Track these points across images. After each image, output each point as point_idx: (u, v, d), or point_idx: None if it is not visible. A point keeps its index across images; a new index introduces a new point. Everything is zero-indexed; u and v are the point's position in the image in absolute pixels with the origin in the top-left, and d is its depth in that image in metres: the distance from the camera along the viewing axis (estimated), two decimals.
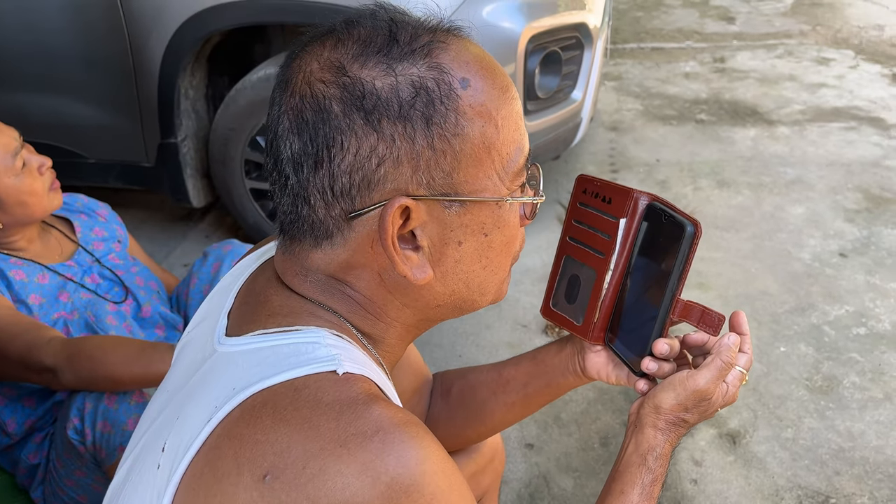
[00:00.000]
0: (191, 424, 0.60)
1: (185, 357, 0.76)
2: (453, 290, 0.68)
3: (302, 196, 0.62)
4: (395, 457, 0.53)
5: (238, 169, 2.38)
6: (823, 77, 3.97)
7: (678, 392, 0.79)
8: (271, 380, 0.59)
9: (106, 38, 2.20)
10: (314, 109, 0.60)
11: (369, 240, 0.63)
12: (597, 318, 0.87)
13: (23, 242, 1.45)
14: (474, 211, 0.64)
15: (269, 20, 2.19)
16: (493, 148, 0.63)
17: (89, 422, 1.27)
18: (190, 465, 0.58)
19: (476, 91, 0.61)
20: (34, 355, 1.25)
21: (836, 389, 1.95)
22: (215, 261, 1.68)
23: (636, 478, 0.79)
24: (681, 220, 0.79)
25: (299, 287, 0.67)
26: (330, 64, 0.61)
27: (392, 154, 0.60)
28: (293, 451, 0.54)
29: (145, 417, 0.75)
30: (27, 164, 1.39)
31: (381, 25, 0.62)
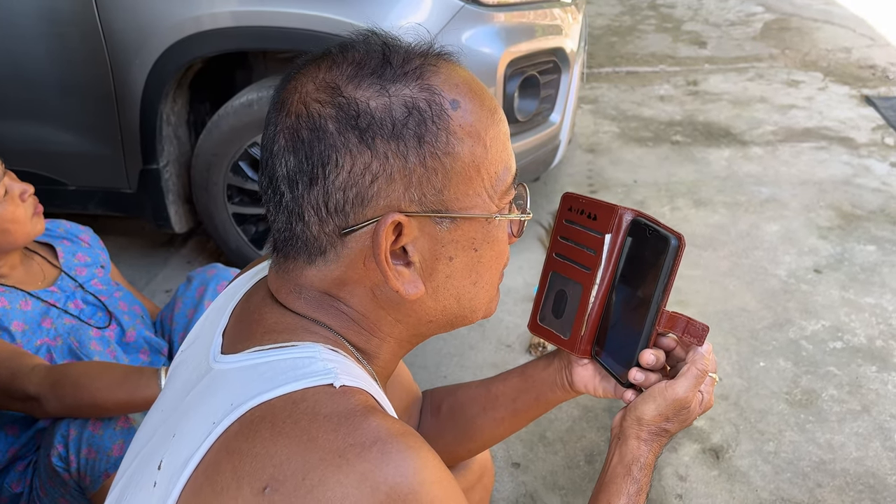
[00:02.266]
0: (188, 441, 0.61)
1: (178, 376, 0.76)
2: (444, 305, 0.70)
3: (296, 213, 0.64)
4: (394, 466, 0.54)
5: (220, 194, 2.39)
6: (794, 99, 4.07)
7: (658, 402, 0.81)
8: (269, 394, 0.60)
9: (87, 65, 2.21)
10: (310, 128, 0.62)
11: (362, 256, 0.65)
12: (584, 332, 0.89)
13: (5, 269, 1.45)
14: (464, 227, 0.66)
15: (251, 47, 2.22)
16: (481, 166, 0.65)
17: (74, 448, 1.26)
18: (189, 481, 0.59)
19: (465, 112, 0.64)
20: (17, 384, 1.24)
21: (816, 403, 1.98)
22: (199, 285, 1.68)
23: (622, 488, 0.81)
24: (665, 234, 0.81)
25: (293, 304, 0.69)
26: (325, 85, 0.63)
27: (385, 171, 0.62)
28: (292, 463, 0.55)
29: (138, 438, 0.76)
30: (9, 192, 1.40)
31: (374, 49, 0.64)
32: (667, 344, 0.86)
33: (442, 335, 2.26)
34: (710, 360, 0.83)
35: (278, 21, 2.11)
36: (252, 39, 2.16)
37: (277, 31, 2.13)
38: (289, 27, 2.11)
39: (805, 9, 5.76)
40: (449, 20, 2.07)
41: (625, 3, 6.23)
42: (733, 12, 5.74)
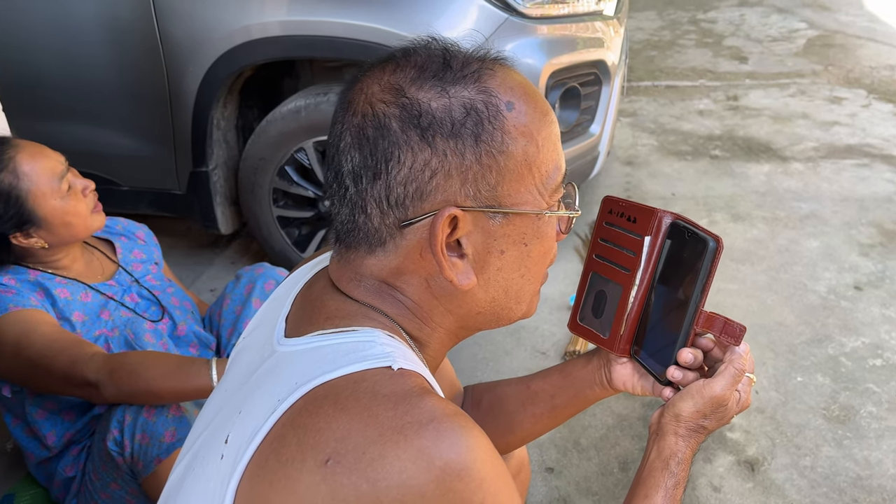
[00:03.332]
0: (255, 417, 0.65)
1: (241, 360, 0.81)
2: (493, 297, 0.74)
3: (360, 206, 0.68)
4: (448, 444, 0.58)
5: (266, 197, 2.46)
6: (836, 115, 4.04)
7: (696, 400, 0.83)
8: (331, 374, 0.64)
9: (144, 71, 2.30)
10: (375, 126, 0.66)
11: (419, 247, 0.69)
12: (623, 331, 0.92)
13: (66, 262, 1.52)
14: (516, 222, 0.70)
15: (298, 55, 2.28)
16: (533, 165, 0.69)
17: (129, 434, 1.32)
18: (255, 454, 0.63)
19: (520, 113, 0.68)
20: (78, 370, 1.30)
21: (854, 419, 1.97)
22: (248, 283, 1.74)
23: (660, 482, 0.83)
24: (703, 236, 0.84)
25: (353, 292, 0.73)
26: (390, 86, 0.67)
27: (443, 168, 0.66)
28: (353, 438, 0.59)
29: (202, 417, 0.81)
30: (72, 187, 1.47)
31: (435, 53, 0.69)
32: (705, 344, 0.89)
33: (478, 340, 2.30)
34: (748, 359, 0.85)
35: (325, 30, 2.17)
36: (300, 48, 2.23)
37: (325, 41, 2.19)
38: (335, 36, 2.17)
39: (849, 26, 5.71)
40: (493, 31, 2.12)
41: (665, 17, 6.23)
42: (775, 28, 5.71)
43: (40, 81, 2.37)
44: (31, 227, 1.42)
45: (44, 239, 1.44)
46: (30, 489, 1.74)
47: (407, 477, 0.57)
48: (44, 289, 1.44)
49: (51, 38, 2.29)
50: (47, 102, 2.40)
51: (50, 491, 1.63)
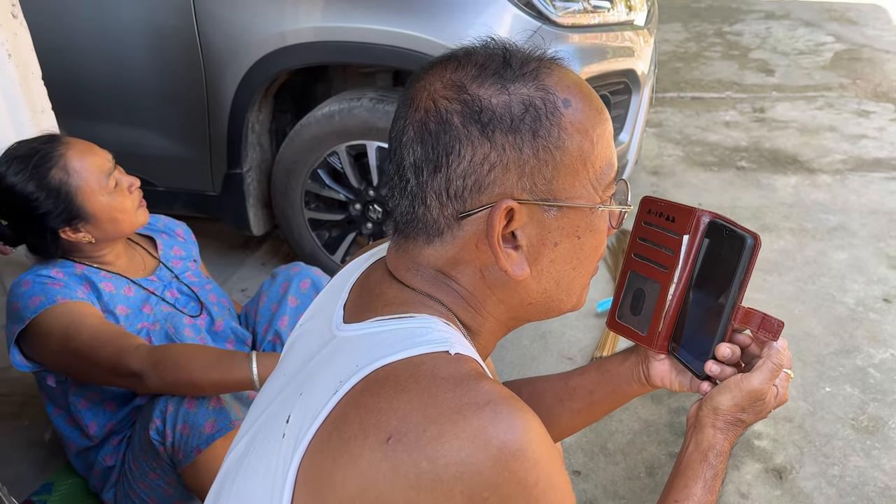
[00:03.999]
0: (317, 397, 0.69)
1: (299, 346, 0.84)
2: (545, 288, 0.76)
3: (420, 197, 0.71)
4: (505, 424, 0.61)
5: (298, 200, 2.50)
6: (864, 129, 4.02)
7: (734, 394, 0.85)
8: (392, 357, 0.67)
9: (184, 75, 2.36)
10: (437, 121, 0.69)
11: (475, 238, 0.72)
12: (661, 328, 0.94)
13: (111, 257, 1.57)
14: (570, 215, 0.73)
15: (333, 60, 2.33)
16: (588, 161, 0.72)
17: (171, 423, 1.36)
18: (318, 432, 0.66)
19: (576, 111, 0.71)
20: (123, 361, 1.34)
21: (882, 430, 1.97)
22: (284, 281, 1.78)
23: (698, 473, 0.85)
24: (741, 233, 0.86)
25: (411, 281, 0.76)
26: (452, 83, 0.70)
27: (502, 161, 0.69)
28: (414, 417, 0.62)
29: (260, 401, 0.84)
30: (119, 184, 1.52)
31: (495, 52, 0.72)
32: (742, 340, 0.90)
33: (505, 344, 2.32)
34: (785, 355, 0.87)
35: (359, 37, 2.21)
36: (335, 53, 2.27)
37: (359, 47, 2.23)
38: (370, 42, 2.22)
39: (876, 40, 5.68)
40: (526, 40, 2.15)
41: (690, 30, 6.24)
42: (802, 41, 5.69)
43: (84, 84, 2.43)
44: (80, 222, 1.46)
45: (91, 234, 1.48)
46: (68, 479, 1.79)
47: (465, 455, 0.60)
48: (90, 282, 1.49)
49: (96, 42, 2.36)
50: (90, 104, 2.46)
51: (88, 480, 1.67)
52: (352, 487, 0.62)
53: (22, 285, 1.44)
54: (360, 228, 2.52)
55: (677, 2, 7.16)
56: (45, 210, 1.42)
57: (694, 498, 0.84)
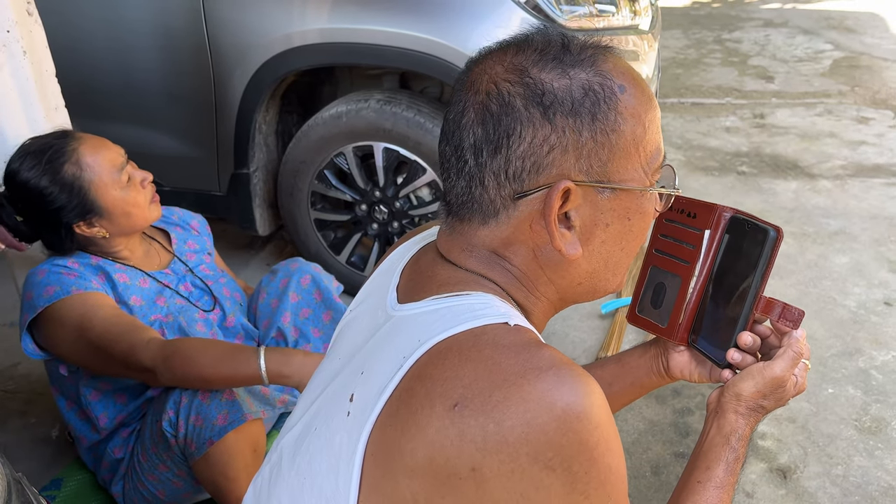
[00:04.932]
0: (380, 374, 0.71)
1: (352, 330, 0.87)
2: (595, 268, 0.78)
3: (478, 178, 0.73)
4: (568, 388, 0.63)
5: (305, 200, 2.52)
6: (863, 135, 4.05)
7: (757, 380, 0.87)
8: (453, 330, 0.69)
9: (193, 76, 2.37)
10: (499, 104, 0.71)
11: (529, 219, 0.73)
12: (682, 320, 0.95)
13: (126, 252, 1.58)
14: (622, 198, 0.74)
15: (340, 62, 2.35)
16: (640, 145, 0.74)
17: (184, 415, 1.37)
18: (385, 406, 0.68)
19: (631, 96, 0.72)
20: (135, 355, 1.35)
21: (885, 430, 1.99)
22: (284, 277, 1.79)
23: (721, 456, 0.87)
24: (764, 227, 0.88)
25: (465, 262, 0.78)
26: (514, 67, 0.72)
27: (561, 143, 0.70)
28: (479, 383, 0.64)
29: (315, 384, 0.86)
30: (132, 179, 1.53)
31: (554, 38, 0.74)
32: (762, 331, 0.92)
33: None
34: (804, 345, 0.88)
35: (366, 38, 2.23)
36: (344, 54, 2.29)
37: (366, 48, 2.25)
38: (376, 44, 2.23)
39: (874, 48, 5.73)
40: None
41: (690, 36, 6.28)
42: (801, 49, 5.74)
43: (94, 84, 2.45)
44: (94, 217, 1.48)
45: (105, 228, 1.50)
46: (77, 474, 1.79)
47: (531, 417, 0.62)
48: (104, 272, 1.50)
49: (106, 42, 2.38)
50: (100, 103, 2.48)
51: (97, 473, 1.68)
52: (421, 456, 0.64)
53: (38, 274, 1.45)
54: (365, 229, 2.54)
55: (677, 9, 7.21)
56: (59, 205, 1.43)
57: (716, 479, 0.86)
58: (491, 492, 0.63)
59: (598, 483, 0.64)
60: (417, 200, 2.46)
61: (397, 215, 2.47)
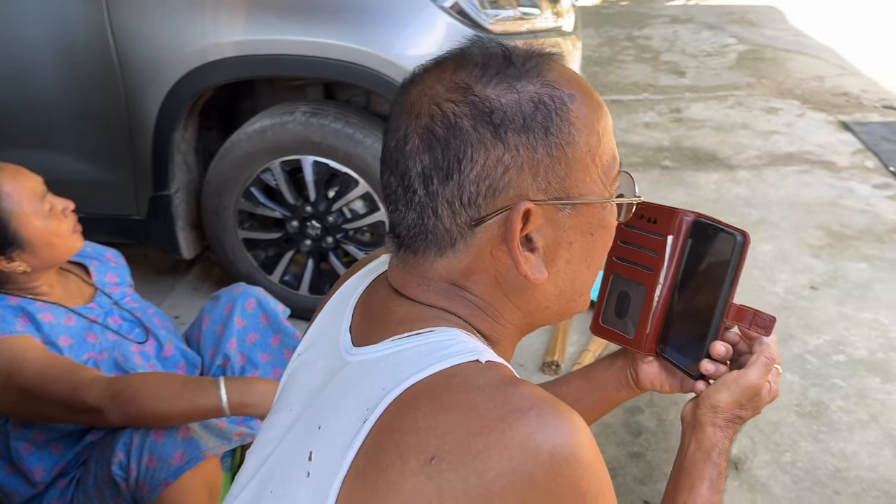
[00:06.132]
0: (341, 429, 0.64)
1: (302, 376, 0.79)
2: (562, 289, 0.74)
3: (430, 208, 0.67)
4: (553, 428, 0.58)
5: (231, 219, 2.41)
6: (774, 125, 4.21)
7: (732, 390, 0.85)
8: (420, 374, 0.63)
9: (101, 93, 2.23)
10: (445, 126, 0.65)
11: (489, 245, 0.68)
12: (649, 330, 0.93)
13: (45, 287, 1.46)
14: (583, 213, 0.70)
15: (262, 74, 2.26)
16: (595, 155, 0.69)
17: (135, 456, 1.27)
18: (351, 465, 0.62)
19: (581, 105, 0.68)
20: (78, 396, 1.25)
21: (825, 414, 2.04)
22: (227, 302, 1.70)
23: (704, 473, 0.84)
24: (730, 232, 0.86)
25: (421, 296, 0.71)
26: (455, 85, 0.66)
27: (516, 163, 0.65)
28: (456, 432, 0.58)
29: (265, 439, 0.78)
30: (53, 207, 1.42)
31: (494, 51, 0.68)
32: (731, 338, 0.90)
33: None
34: (775, 351, 0.87)
35: (288, 49, 2.15)
36: (264, 67, 2.20)
37: (288, 59, 2.17)
38: (298, 55, 2.15)
39: (776, 40, 5.97)
40: None
41: (602, 34, 6.40)
42: (708, 44, 5.93)
43: None
44: (14, 251, 1.36)
45: (27, 262, 1.38)
46: None
47: (516, 464, 0.57)
48: (27, 314, 1.38)
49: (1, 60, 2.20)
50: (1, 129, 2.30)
51: None
52: None
53: None
54: (298, 246, 2.44)
55: (588, 7, 7.35)
56: None
57: (702, 498, 0.83)
58: None
59: None
60: (351, 213, 2.39)
61: (331, 230, 2.39)
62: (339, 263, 2.43)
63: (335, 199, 2.34)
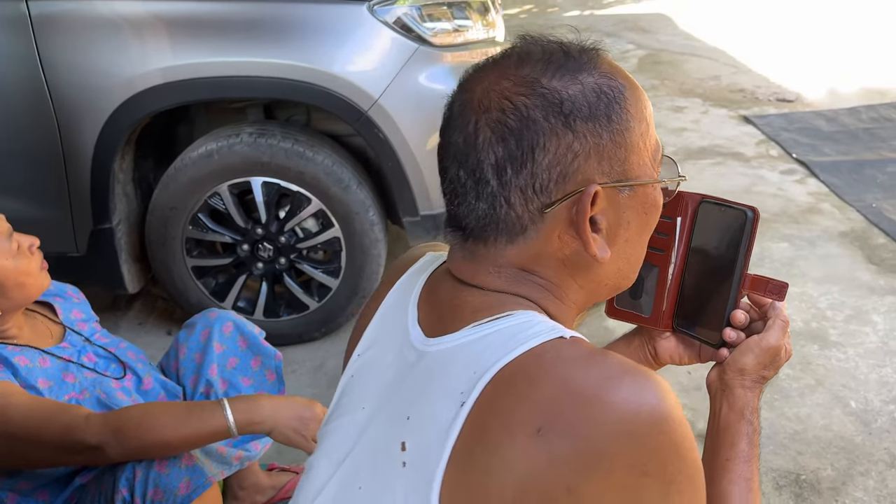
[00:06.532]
0: (434, 416, 0.67)
1: (369, 374, 0.81)
2: (620, 267, 0.78)
3: (502, 197, 0.71)
4: (648, 392, 0.62)
5: (179, 248, 2.34)
6: (683, 122, 4.45)
7: (756, 353, 0.91)
8: (511, 355, 0.66)
9: (32, 127, 2.14)
10: (518, 118, 0.69)
11: (557, 229, 0.72)
12: (665, 307, 0.99)
13: (14, 330, 1.39)
14: (639, 194, 0.75)
15: (208, 97, 2.23)
16: (645, 139, 0.75)
17: (140, 491, 1.23)
18: (453, 449, 0.64)
19: (632, 94, 0.74)
20: (74, 436, 1.20)
21: (776, 382, 2.18)
22: (203, 328, 1.67)
23: (741, 430, 0.90)
24: (740, 209, 0.92)
25: (493, 284, 0.74)
26: (523, 79, 0.70)
27: (584, 149, 0.70)
28: (558, 403, 0.62)
29: (335, 442, 0.79)
30: (20, 246, 1.36)
31: (552, 46, 0.73)
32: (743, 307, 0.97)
33: None
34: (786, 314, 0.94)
35: (232, 71, 2.13)
36: (208, 90, 2.18)
37: (233, 81, 2.15)
38: (243, 76, 2.14)
39: (670, 44, 6.32)
40: (407, 61, 2.17)
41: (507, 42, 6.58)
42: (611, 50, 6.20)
43: None
44: None
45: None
46: None
47: (620, 427, 0.61)
48: (1, 358, 1.31)
49: None
50: None
51: None
52: (511, 491, 0.61)
53: None
54: (250, 269, 2.40)
55: None
56: None
57: (742, 454, 0.89)
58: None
59: (688, 479, 0.65)
60: (304, 232, 2.37)
61: (284, 250, 2.36)
62: (294, 284, 2.41)
63: (287, 219, 2.32)
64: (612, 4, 8.25)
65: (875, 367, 2.23)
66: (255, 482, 1.77)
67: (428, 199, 2.32)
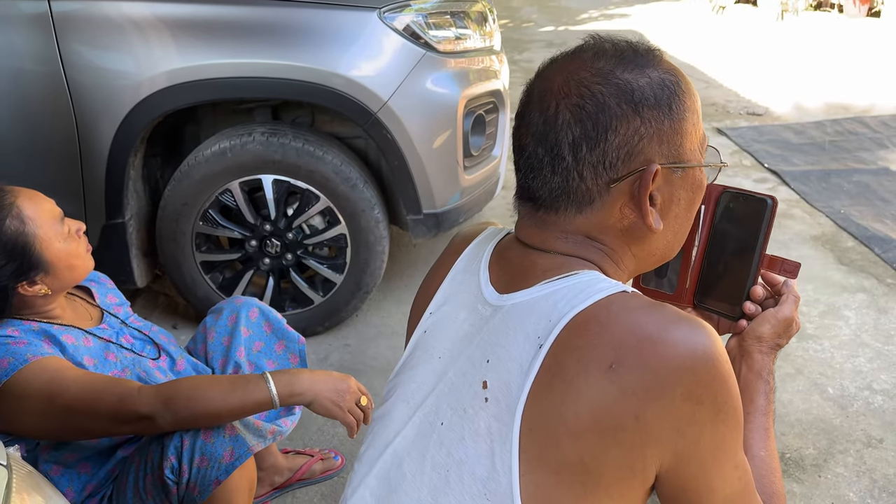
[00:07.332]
0: (514, 357, 0.78)
1: (444, 328, 0.92)
2: (668, 239, 0.91)
3: (576, 171, 0.82)
4: (701, 334, 0.74)
5: (189, 243, 2.42)
6: None
7: (772, 323, 1.03)
8: (582, 305, 0.78)
9: (52, 125, 2.20)
10: (594, 104, 0.81)
11: (619, 202, 0.84)
12: (688, 285, 1.11)
13: (59, 311, 1.46)
14: (690, 175, 0.87)
15: (224, 97, 2.30)
16: (696, 127, 0.87)
17: (187, 458, 1.30)
18: (533, 383, 0.76)
19: (687, 88, 0.86)
20: (128, 406, 1.27)
21: None
22: (230, 313, 1.75)
23: (759, 388, 1.02)
24: (760, 197, 1.05)
25: (561, 248, 0.86)
26: (599, 71, 0.83)
27: (648, 133, 0.82)
28: (627, 343, 0.74)
29: (413, 388, 0.90)
30: (69, 229, 1.43)
31: (621, 44, 0.86)
32: None
33: None
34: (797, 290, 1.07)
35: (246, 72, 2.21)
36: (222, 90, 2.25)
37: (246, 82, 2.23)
38: (256, 77, 2.23)
39: None
40: (415, 65, 2.29)
41: None
42: None
43: None
44: (38, 274, 1.36)
45: (48, 285, 1.38)
46: None
47: (681, 362, 0.73)
48: (50, 336, 1.38)
49: None
50: None
51: None
52: (586, 418, 0.73)
53: None
54: (257, 265, 2.49)
55: None
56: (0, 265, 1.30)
57: (761, 408, 1.01)
58: (651, 433, 0.74)
59: (733, 409, 0.77)
60: (310, 229, 2.46)
61: (291, 247, 2.45)
62: (299, 279, 2.50)
63: (295, 216, 2.41)
64: (586, 21, 8.49)
65: (849, 357, 2.39)
66: (273, 463, 1.86)
67: (431, 198, 2.43)
